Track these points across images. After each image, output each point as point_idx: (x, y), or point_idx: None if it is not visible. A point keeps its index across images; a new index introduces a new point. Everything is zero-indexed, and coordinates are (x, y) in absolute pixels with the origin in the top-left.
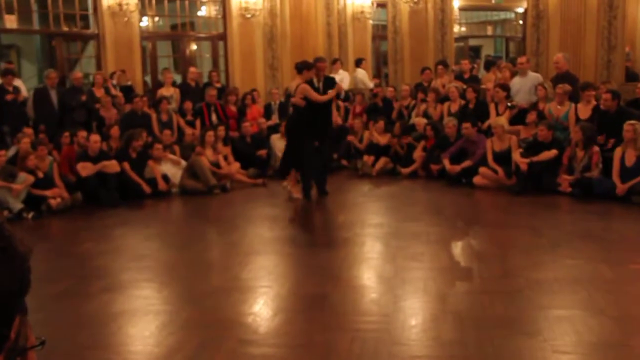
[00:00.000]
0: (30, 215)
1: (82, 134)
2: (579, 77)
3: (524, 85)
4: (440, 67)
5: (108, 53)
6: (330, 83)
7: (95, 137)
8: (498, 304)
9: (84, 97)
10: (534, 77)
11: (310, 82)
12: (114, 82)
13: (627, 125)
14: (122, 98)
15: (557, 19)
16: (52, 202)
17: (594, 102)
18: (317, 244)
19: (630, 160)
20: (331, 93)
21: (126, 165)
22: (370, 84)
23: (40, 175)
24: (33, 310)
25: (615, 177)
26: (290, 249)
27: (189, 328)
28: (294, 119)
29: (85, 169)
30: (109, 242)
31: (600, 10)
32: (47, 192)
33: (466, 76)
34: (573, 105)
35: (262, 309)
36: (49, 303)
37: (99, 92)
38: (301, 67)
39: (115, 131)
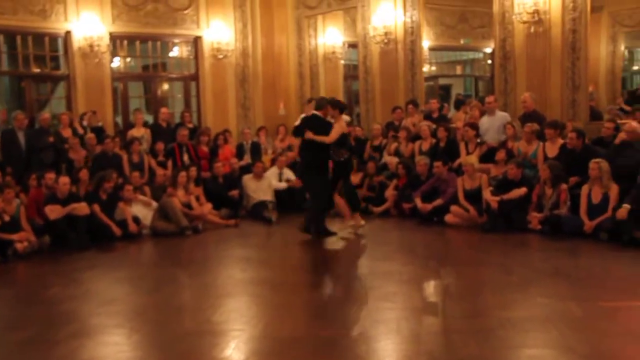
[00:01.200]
0: None
1: (50, 175)
2: (546, 115)
3: (492, 124)
4: (410, 106)
5: (79, 94)
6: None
7: (64, 179)
8: (471, 344)
9: (51, 138)
10: (502, 116)
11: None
12: (85, 123)
13: (593, 164)
14: (94, 139)
15: (524, 60)
16: (19, 246)
17: (560, 141)
18: (290, 284)
19: (596, 198)
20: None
21: (96, 207)
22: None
23: (7, 218)
24: None
25: (583, 214)
26: (263, 291)
27: None
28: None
29: (53, 211)
30: (78, 287)
31: (564, 52)
32: (14, 236)
33: (435, 115)
34: (541, 143)
35: (233, 353)
36: (14, 350)
37: (66, 133)
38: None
39: (84, 174)
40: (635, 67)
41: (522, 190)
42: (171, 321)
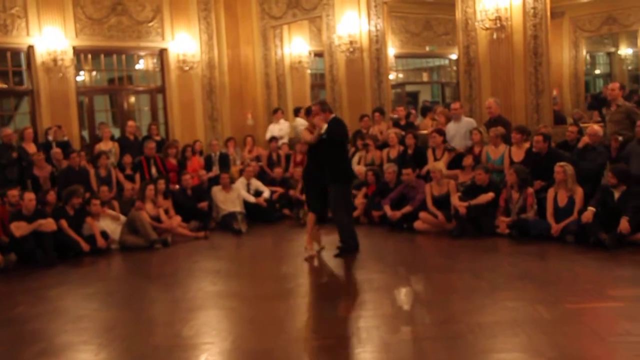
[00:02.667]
0: None
1: (13, 192)
2: (511, 120)
3: (458, 130)
4: (377, 114)
5: (43, 109)
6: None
7: (29, 195)
8: (441, 351)
9: (15, 154)
10: (468, 122)
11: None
12: (50, 137)
13: (558, 167)
14: (60, 154)
15: (487, 66)
16: None
17: (526, 145)
18: (261, 296)
19: (562, 201)
20: (313, 137)
21: (63, 223)
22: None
23: None
24: None
25: (550, 217)
26: (233, 303)
27: None
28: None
29: (19, 228)
30: (45, 304)
31: (526, 57)
32: None
33: (402, 123)
34: (507, 148)
35: None
36: None
37: (31, 148)
38: (307, 113)
39: (51, 197)
40: (598, 71)
41: (490, 195)
42: (141, 336)
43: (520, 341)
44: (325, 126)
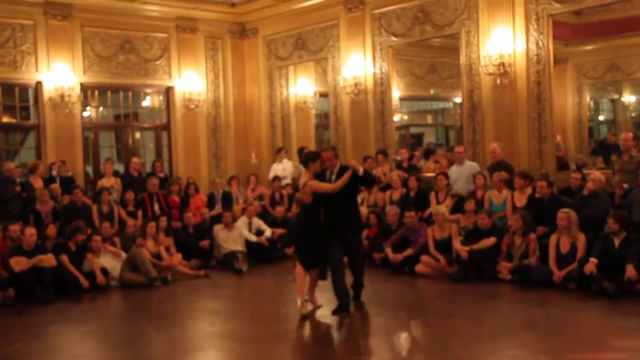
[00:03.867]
0: None
1: (14, 227)
2: (513, 165)
3: (461, 174)
4: (380, 155)
5: (49, 144)
6: (344, 172)
7: (30, 230)
8: None
9: (17, 188)
10: (470, 166)
11: (321, 176)
12: (54, 172)
13: (562, 213)
14: (58, 189)
15: (491, 110)
16: None
17: (529, 191)
18: (259, 338)
19: (565, 247)
20: (345, 177)
21: (64, 258)
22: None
23: None
24: None
25: (552, 264)
26: (231, 345)
27: None
28: (304, 218)
29: (19, 263)
30: (42, 342)
31: (529, 103)
32: None
33: (405, 165)
34: (510, 193)
35: None
36: None
37: (37, 183)
38: (305, 161)
39: (51, 231)
40: (601, 118)
41: (492, 240)
42: None
43: None
44: (360, 169)
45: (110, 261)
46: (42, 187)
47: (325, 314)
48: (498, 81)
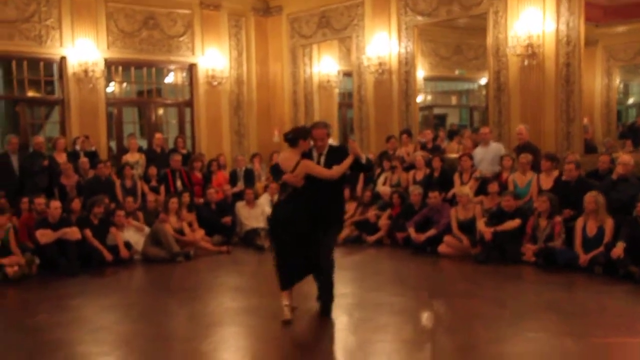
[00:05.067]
0: None
1: (40, 200)
2: (540, 147)
3: (486, 155)
4: (404, 135)
5: (73, 118)
6: (338, 154)
7: (55, 204)
8: None
9: (45, 162)
10: (496, 147)
11: (308, 155)
12: (77, 147)
13: (589, 197)
14: (87, 163)
15: (517, 92)
16: (9, 270)
17: (555, 173)
18: (280, 315)
19: (591, 231)
20: (346, 162)
21: (88, 232)
22: None
23: None
24: None
25: (578, 247)
26: (253, 320)
27: None
28: (288, 206)
29: (44, 236)
30: (65, 313)
31: (557, 85)
32: (4, 260)
33: (429, 146)
34: (536, 175)
35: None
36: None
37: (61, 158)
38: (295, 138)
39: (76, 205)
40: (631, 101)
41: (516, 222)
42: (159, 350)
43: None
44: (362, 156)
45: (133, 235)
46: (67, 161)
47: (344, 293)
48: (526, 62)
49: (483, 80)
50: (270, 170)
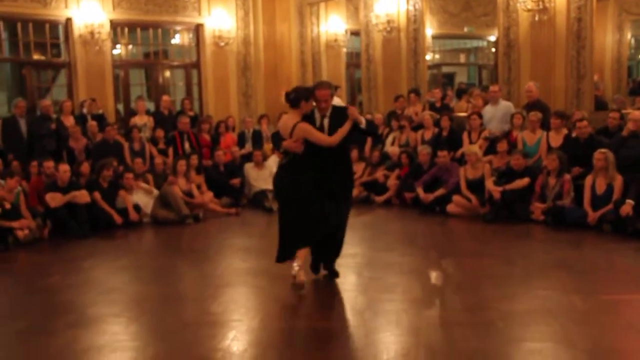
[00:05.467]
0: None
1: (49, 164)
2: (550, 105)
3: (495, 114)
4: (412, 95)
5: (79, 81)
6: (343, 116)
7: (64, 167)
8: (471, 337)
9: (53, 126)
10: (505, 105)
11: (310, 118)
12: (85, 110)
13: (599, 154)
14: (95, 127)
15: (528, 49)
16: (20, 233)
17: (565, 131)
18: (289, 276)
19: (600, 189)
20: (344, 128)
21: (97, 195)
22: None
23: (7, 206)
24: None
25: (587, 205)
26: (263, 281)
27: None
28: (289, 172)
29: (54, 199)
30: (77, 275)
31: (568, 41)
32: (14, 224)
33: (438, 105)
34: (545, 133)
35: (232, 344)
36: (11, 340)
37: (68, 121)
38: (296, 98)
39: (85, 168)
40: None
41: (525, 181)
42: (170, 311)
43: (553, 331)
44: (362, 120)
45: (142, 198)
46: (74, 125)
47: (353, 252)
48: (536, 17)
49: (492, 38)
50: (271, 138)
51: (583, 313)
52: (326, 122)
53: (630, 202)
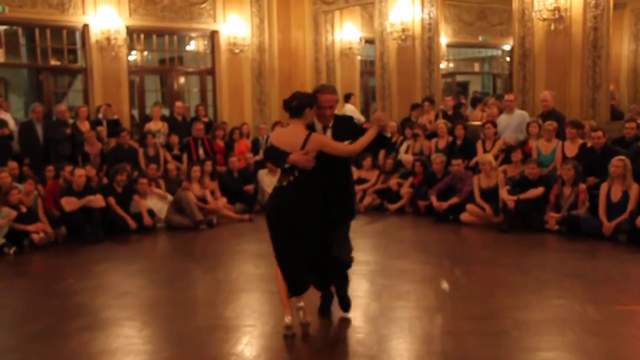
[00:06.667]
0: (12, 250)
1: (68, 168)
2: (565, 115)
3: (510, 123)
4: (426, 103)
5: (95, 87)
6: (346, 127)
7: (80, 172)
8: (484, 346)
9: (68, 130)
10: (520, 114)
11: (310, 129)
12: (100, 116)
13: (617, 161)
14: (104, 131)
15: (543, 58)
16: (35, 237)
17: (580, 140)
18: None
19: (616, 196)
20: (368, 136)
21: (111, 200)
22: (362, 118)
23: (24, 209)
24: (9, 350)
25: (602, 214)
26: (275, 287)
27: None
28: (295, 195)
29: (69, 203)
30: (91, 279)
31: (585, 50)
32: (30, 227)
33: (450, 113)
34: (560, 142)
35: (245, 348)
36: (26, 342)
37: (84, 126)
38: (300, 106)
39: (90, 171)
40: None
41: (540, 190)
42: (183, 315)
43: (567, 341)
44: (388, 128)
45: (157, 203)
46: (90, 129)
47: (367, 260)
48: (552, 27)
49: (507, 47)
50: (265, 155)
51: (597, 323)
52: (329, 133)
53: None
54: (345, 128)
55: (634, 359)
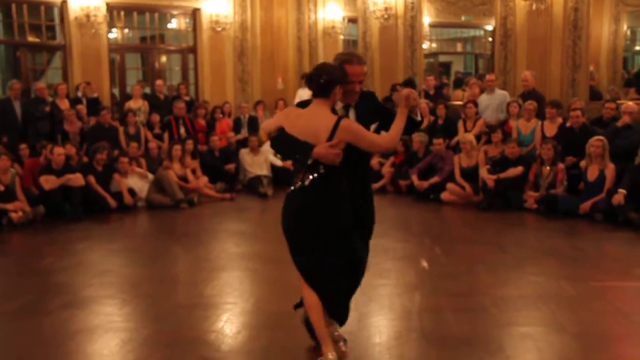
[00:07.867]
0: None
1: (49, 146)
2: (545, 95)
3: (491, 103)
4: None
5: (75, 64)
6: (370, 104)
7: (59, 150)
8: (463, 322)
9: (47, 108)
10: (501, 94)
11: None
12: (79, 94)
13: (596, 141)
14: (84, 109)
15: (524, 38)
16: (14, 215)
17: (560, 120)
18: (284, 259)
19: (592, 175)
20: (400, 122)
21: (91, 179)
22: None
23: (2, 188)
24: None
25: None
26: (257, 265)
27: (150, 346)
28: (322, 198)
29: (48, 182)
30: (71, 257)
31: (565, 30)
32: (9, 206)
33: (431, 92)
34: (540, 122)
35: (225, 326)
36: (5, 321)
37: (63, 104)
38: (330, 82)
39: (69, 150)
40: (637, 48)
41: (519, 169)
42: (164, 293)
43: (543, 316)
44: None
45: (137, 182)
46: (69, 108)
47: None
48: (534, 7)
49: (489, 27)
50: (274, 144)
51: (573, 299)
52: (352, 114)
53: (622, 191)
54: (371, 107)
55: (607, 333)
